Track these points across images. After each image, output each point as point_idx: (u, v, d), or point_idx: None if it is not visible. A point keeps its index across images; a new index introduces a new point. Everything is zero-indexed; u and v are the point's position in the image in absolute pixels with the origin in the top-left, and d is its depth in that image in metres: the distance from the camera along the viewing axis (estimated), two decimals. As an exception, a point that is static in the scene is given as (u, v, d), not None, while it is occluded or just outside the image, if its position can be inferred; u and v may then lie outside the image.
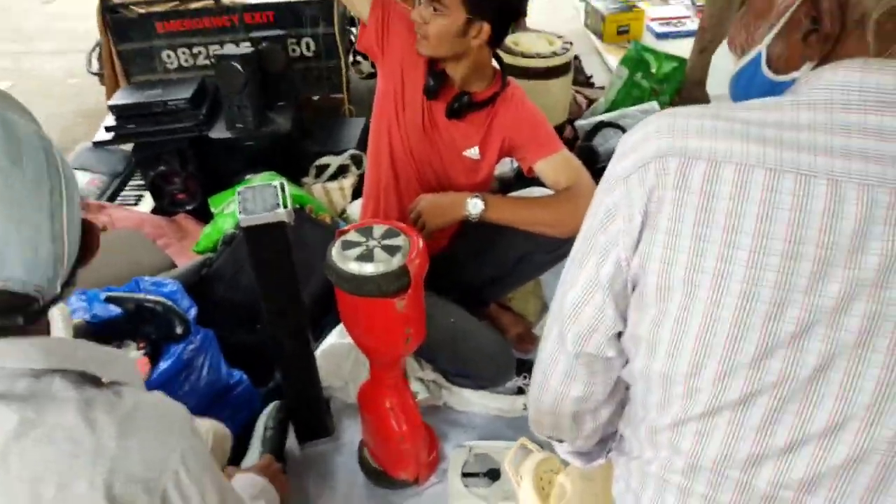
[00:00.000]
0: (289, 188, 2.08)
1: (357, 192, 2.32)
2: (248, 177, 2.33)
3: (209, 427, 1.30)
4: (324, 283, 1.89)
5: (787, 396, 0.63)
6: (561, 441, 0.94)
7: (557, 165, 1.59)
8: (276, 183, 1.37)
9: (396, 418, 1.43)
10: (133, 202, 2.56)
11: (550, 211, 1.54)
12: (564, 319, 0.77)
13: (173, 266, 1.97)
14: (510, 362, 1.66)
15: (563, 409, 0.85)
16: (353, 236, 1.25)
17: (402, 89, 1.59)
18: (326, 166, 2.38)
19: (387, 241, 1.23)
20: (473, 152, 1.64)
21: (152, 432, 0.69)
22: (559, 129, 2.64)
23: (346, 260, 1.20)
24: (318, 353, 1.73)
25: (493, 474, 1.55)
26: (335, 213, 2.30)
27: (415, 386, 1.71)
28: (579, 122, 2.70)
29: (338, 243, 1.24)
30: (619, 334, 0.75)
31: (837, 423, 0.62)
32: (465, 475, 1.55)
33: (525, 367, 1.80)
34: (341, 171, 2.39)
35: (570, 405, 0.84)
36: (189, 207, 2.44)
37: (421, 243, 1.25)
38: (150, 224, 2.30)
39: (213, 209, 2.24)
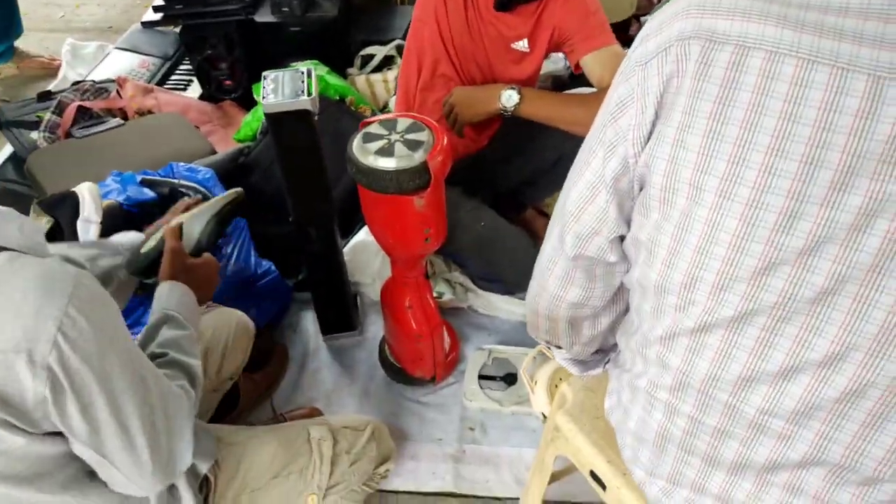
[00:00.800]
0: (329, 78, 2.06)
1: (402, 86, 2.24)
2: (292, 64, 2.28)
3: (228, 317, 1.33)
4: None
5: (786, 318, 0.57)
6: (559, 347, 0.91)
7: (605, 59, 1.46)
8: (303, 69, 1.32)
9: (415, 317, 1.42)
10: (182, 87, 2.55)
11: (587, 108, 1.43)
12: (566, 219, 0.72)
13: (213, 153, 1.97)
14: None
15: (558, 314, 0.82)
16: (375, 128, 1.20)
17: None
18: (371, 56, 2.30)
19: (409, 136, 1.18)
20: (522, 45, 1.53)
21: (26, 298, 0.66)
22: (624, 25, 2.45)
23: (365, 153, 1.16)
24: (347, 248, 1.73)
25: (510, 378, 1.55)
26: (377, 106, 2.24)
27: (441, 287, 1.70)
28: (647, 18, 2.50)
29: (359, 135, 1.20)
30: (622, 238, 0.70)
31: (838, 353, 0.56)
32: (481, 377, 1.56)
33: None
34: (386, 63, 2.31)
35: (565, 309, 0.80)
36: (235, 94, 2.42)
37: (445, 140, 1.19)
38: (196, 110, 2.30)
39: (256, 96, 2.22)
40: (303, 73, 1.31)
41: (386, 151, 1.15)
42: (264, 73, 1.32)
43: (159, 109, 2.23)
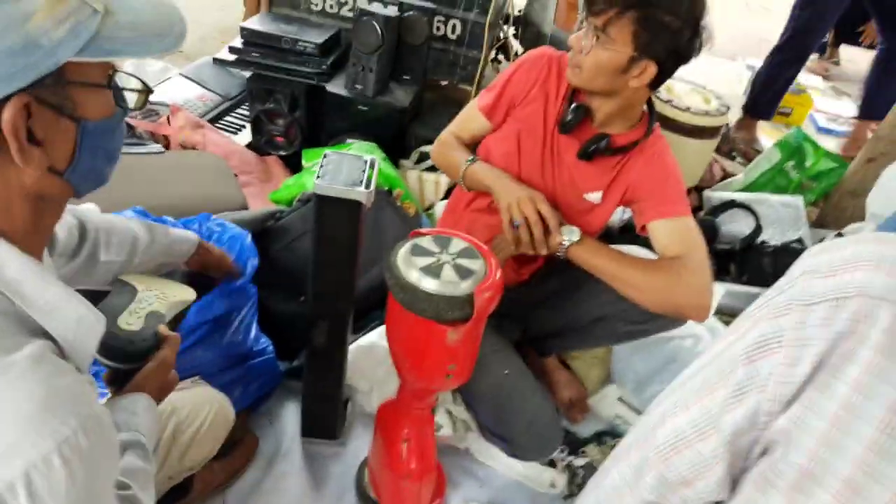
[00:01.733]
0: (381, 166, 1.99)
1: (451, 191, 2.16)
2: (349, 140, 2.22)
3: (209, 400, 1.17)
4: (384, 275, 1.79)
5: None
6: None
7: (675, 230, 1.36)
8: (368, 158, 1.23)
9: (409, 453, 1.26)
10: (234, 131, 2.50)
11: (646, 274, 1.32)
12: (650, 451, 0.58)
13: (245, 207, 1.88)
14: (557, 439, 1.44)
15: None
16: (426, 242, 1.09)
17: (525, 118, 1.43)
18: (428, 155, 2.23)
19: (461, 261, 1.06)
20: (595, 196, 1.44)
21: (15, 418, 0.54)
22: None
23: (410, 266, 1.03)
24: (353, 347, 1.59)
25: (493, 549, 1.36)
26: (422, 205, 2.16)
27: (441, 418, 1.54)
28: (708, 193, 2.44)
29: (407, 245, 1.08)
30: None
31: None
32: (461, 538, 1.37)
33: (567, 440, 1.60)
34: (443, 165, 2.24)
35: None
36: (283, 153, 2.35)
37: (499, 274, 1.08)
38: (240, 157, 2.22)
39: (304, 162, 2.14)
40: (366, 162, 1.22)
41: (432, 271, 1.03)
42: (327, 152, 1.22)
43: (204, 147, 2.16)
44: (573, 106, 1.36)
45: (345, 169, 1.19)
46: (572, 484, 1.51)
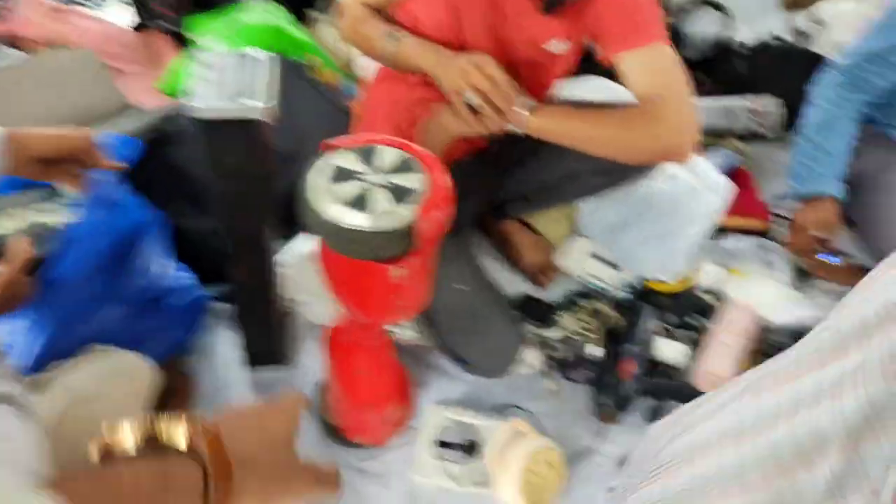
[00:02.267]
0: (289, 30, 1.66)
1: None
2: (242, -2, 1.85)
3: (117, 372, 1.01)
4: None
5: None
6: None
7: (647, 62, 1.13)
8: (256, 54, 0.96)
9: (367, 384, 1.14)
10: (97, 4, 2.06)
11: (621, 128, 1.12)
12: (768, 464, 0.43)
13: (125, 107, 1.58)
14: (514, 359, 1.34)
15: None
16: (346, 160, 0.87)
17: None
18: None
19: (395, 178, 0.86)
20: (558, 46, 1.20)
21: None
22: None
23: (330, 199, 0.83)
24: (286, 256, 1.41)
25: (473, 449, 1.29)
26: (343, 64, 1.86)
27: (401, 319, 1.41)
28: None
29: (321, 167, 0.86)
30: None
31: None
32: (438, 444, 1.29)
33: (538, 310, 1.49)
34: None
35: None
36: (169, 25, 1.97)
37: (447, 182, 0.87)
38: (118, 42, 1.86)
39: (192, 35, 1.80)
40: (254, 60, 0.96)
41: (360, 201, 0.83)
42: (197, 54, 0.95)
43: (73, 40, 1.79)
44: None
45: (227, 76, 0.93)
46: (551, 360, 1.43)
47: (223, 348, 1.42)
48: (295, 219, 1.51)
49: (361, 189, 0.84)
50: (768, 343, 1.40)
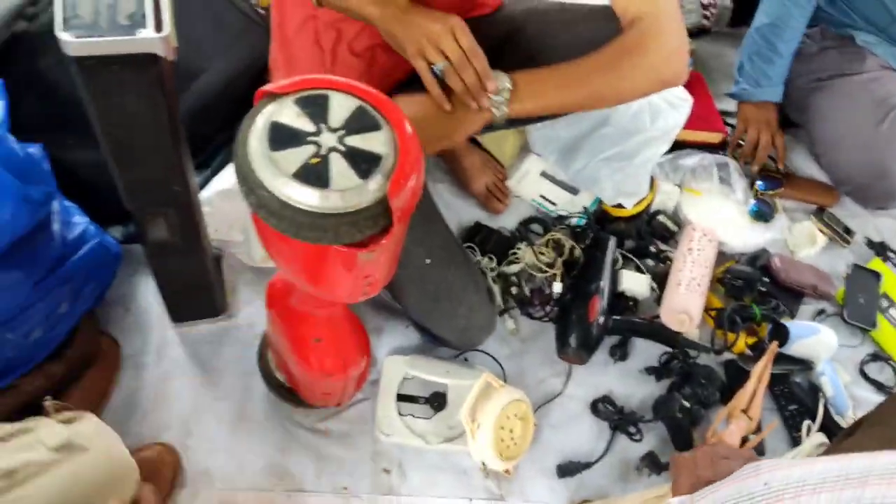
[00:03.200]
0: None
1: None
2: None
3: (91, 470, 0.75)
4: (217, 82, 1.29)
5: None
6: None
7: None
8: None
9: (324, 352, 0.98)
10: None
11: (613, 74, 0.94)
12: None
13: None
14: (487, 334, 1.21)
15: None
16: (289, 115, 0.66)
17: None
18: None
19: (354, 140, 0.66)
20: None
21: None
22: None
23: (276, 171, 0.62)
24: (207, 194, 1.19)
25: (438, 401, 1.19)
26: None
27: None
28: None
29: (260, 128, 0.64)
30: None
31: None
32: (400, 398, 1.18)
33: (488, 238, 1.36)
34: None
35: None
36: None
37: (416, 140, 0.69)
38: None
39: None
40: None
41: (314, 174, 0.63)
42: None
43: None
44: None
45: (109, -8, 0.67)
46: (507, 295, 1.31)
47: (143, 299, 1.23)
48: (209, 142, 1.28)
49: (314, 155, 0.64)
50: (732, 275, 1.34)
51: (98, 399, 1.11)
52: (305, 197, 0.62)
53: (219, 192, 1.19)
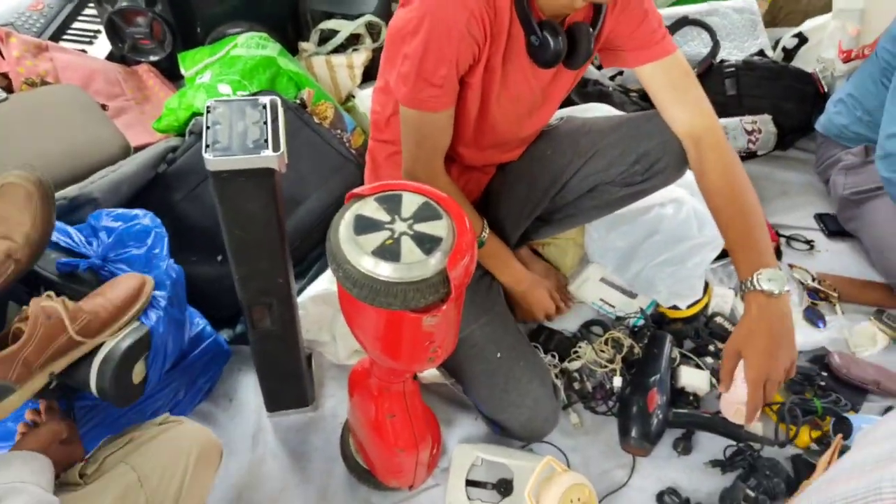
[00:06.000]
0: (277, 58, 1.63)
1: (369, 73, 1.83)
2: (231, 32, 1.82)
3: (184, 447, 0.94)
4: (316, 208, 1.52)
5: None
6: None
7: (667, 70, 1.18)
8: (265, 100, 0.93)
9: (397, 429, 1.10)
10: (88, 40, 2.03)
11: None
12: None
13: (125, 149, 1.53)
14: (552, 426, 1.30)
15: None
16: (370, 209, 0.84)
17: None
18: (334, 33, 1.86)
19: (421, 227, 0.82)
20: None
21: None
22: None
23: (358, 251, 0.79)
24: (302, 298, 1.37)
25: (505, 487, 1.26)
26: (339, 98, 1.83)
27: (419, 357, 1.37)
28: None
29: (348, 219, 0.82)
30: None
31: None
32: (469, 483, 1.26)
33: (556, 342, 1.46)
34: (351, 42, 1.88)
35: None
36: (155, 58, 1.93)
37: (470, 227, 0.85)
38: (104, 77, 1.81)
39: (183, 70, 1.76)
40: (264, 107, 0.92)
41: (389, 252, 0.79)
42: (208, 103, 0.91)
43: (57, 77, 1.74)
44: (549, 33, 1.06)
45: (238, 124, 0.90)
46: (570, 390, 1.40)
47: (245, 393, 1.39)
48: (307, 255, 1.50)
49: (389, 238, 0.81)
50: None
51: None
52: (381, 269, 0.78)
53: (311, 297, 1.37)
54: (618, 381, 1.37)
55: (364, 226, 0.82)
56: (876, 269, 1.65)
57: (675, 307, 1.48)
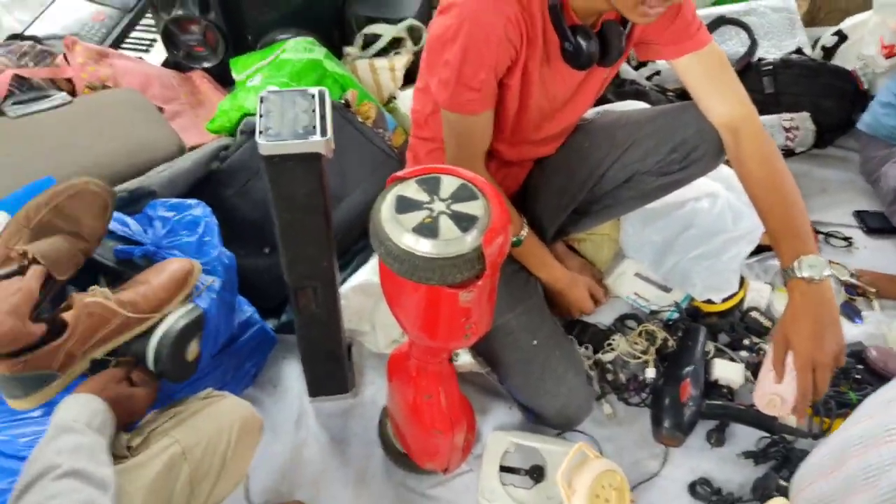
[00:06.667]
0: (324, 61, 1.70)
1: (410, 75, 1.90)
2: (281, 38, 1.90)
3: (225, 420, 0.99)
4: (359, 203, 1.58)
5: None
6: None
7: (703, 62, 1.20)
8: (314, 91, 0.99)
9: (434, 410, 1.14)
10: (145, 48, 2.14)
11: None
12: None
13: (180, 148, 1.61)
14: (588, 413, 1.33)
15: None
16: (411, 191, 0.89)
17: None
18: (377, 37, 1.93)
19: (458, 207, 0.87)
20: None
21: None
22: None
23: (399, 228, 0.84)
24: (344, 289, 1.43)
25: (538, 473, 1.28)
26: (381, 99, 1.90)
27: (455, 345, 1.42)
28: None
29: (390, 199, 0.87)
30: None
31: None
32: (503, 469, 1.29)
33: (591, 334, 1.49)
34: (393, 46, 1.95)
35: None
36: (208, 64, 2.03)
37: (505, 208, 0.89)
38: (160, 82, 1.91)
39: (235, 74, 1.84)
40: (313, 97, 0.98)
41: (427, 229, 0.84)
42: (262, 94, 0.98)
43: (116, 82, 1.85)
44: (582, 38, 1.10)
45: (289, 112, 0.96)
46: (603, 382, 1.42)
47: (289, 380, 1.45)
48: (350, 247, 1.55)
49: (428, 217, 0.85)
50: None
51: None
52: (420, 245, 0.83)
53: (353, 286, 1.43)
54: (651, 373, 1.39)
55: (405, 205, 0.86)
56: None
57: (709, 301, 1.49)
